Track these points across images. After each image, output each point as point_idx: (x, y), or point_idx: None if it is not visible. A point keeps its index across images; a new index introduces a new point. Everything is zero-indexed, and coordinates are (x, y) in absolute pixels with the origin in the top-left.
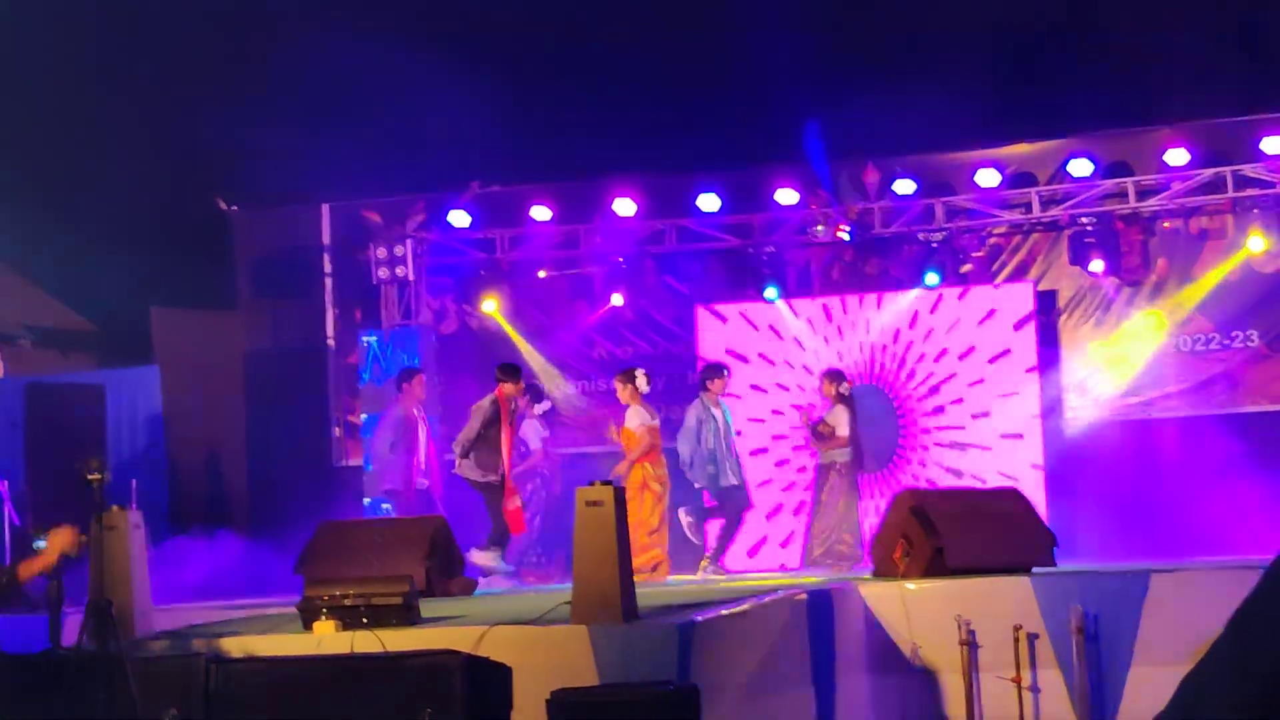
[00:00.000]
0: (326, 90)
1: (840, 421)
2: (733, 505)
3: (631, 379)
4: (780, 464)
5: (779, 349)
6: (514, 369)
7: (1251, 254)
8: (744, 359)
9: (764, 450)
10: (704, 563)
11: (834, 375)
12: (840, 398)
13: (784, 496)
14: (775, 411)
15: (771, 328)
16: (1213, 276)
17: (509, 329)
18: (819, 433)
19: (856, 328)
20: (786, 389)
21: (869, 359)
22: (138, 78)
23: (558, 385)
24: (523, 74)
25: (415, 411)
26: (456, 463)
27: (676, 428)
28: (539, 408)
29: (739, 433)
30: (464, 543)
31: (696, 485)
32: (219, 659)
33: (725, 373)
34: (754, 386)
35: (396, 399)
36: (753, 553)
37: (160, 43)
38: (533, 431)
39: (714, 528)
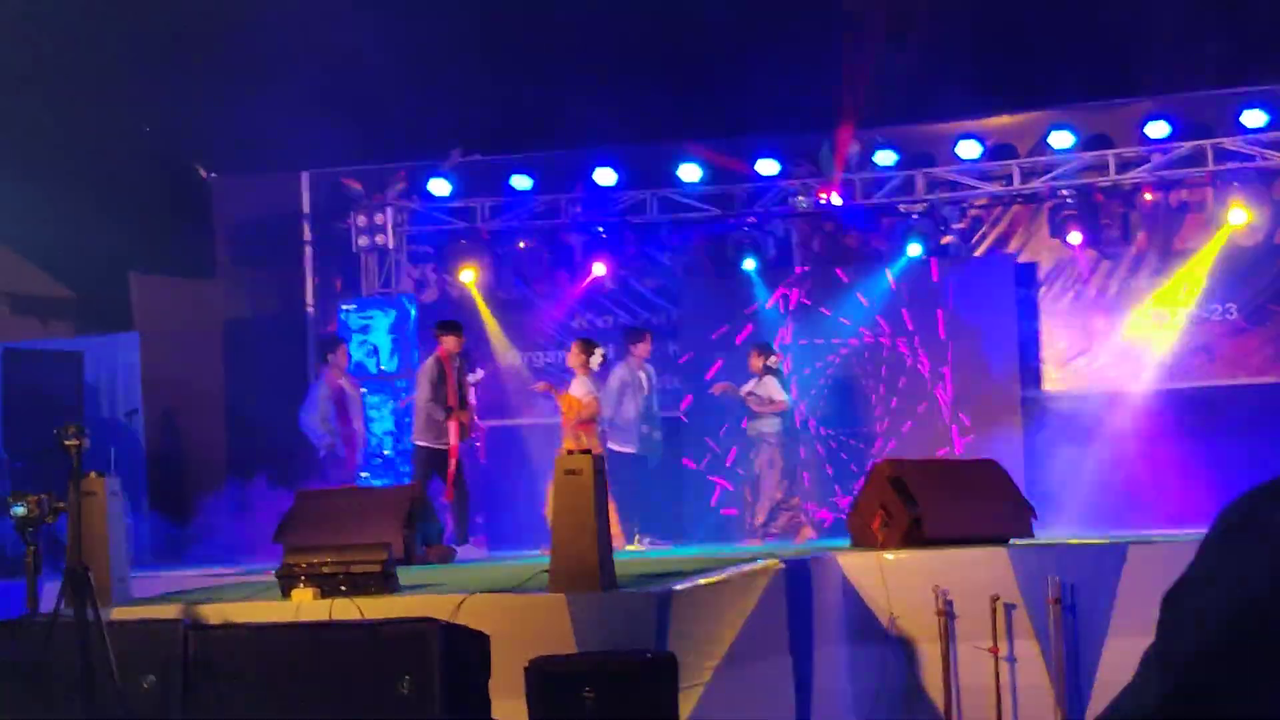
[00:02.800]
0: (307, 57)
1: (773, 391)
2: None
3: (590, 351)
4: None
5: (755, 319)
6: (453, 324)
7: (1231, 227)
8: (724, 331)
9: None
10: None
11: (762, 348)
12: (767, 370)
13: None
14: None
15: (750, 298)
16: (1204, 256)
17: (478, 297)
18: (751, 406)
19: (834, 299)
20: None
21: (848, 331)
22: (117, 43)
23: (512, 357)
24: (503, 42)
25: (341, 382)
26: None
27: (669, 396)
28: (472, 377)
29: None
30: None
31: (617, 449)
32: (197, 626)
33: (645, 335)
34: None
35: (322, 371)
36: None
37: (140, 8)
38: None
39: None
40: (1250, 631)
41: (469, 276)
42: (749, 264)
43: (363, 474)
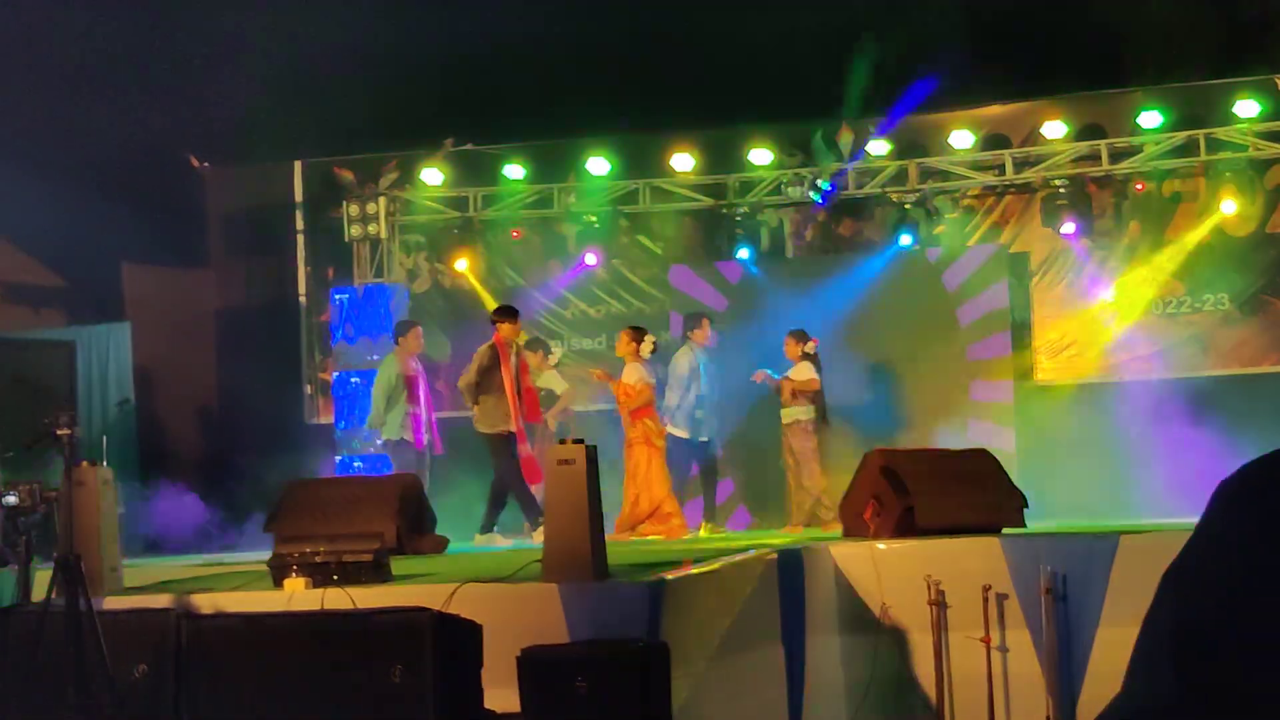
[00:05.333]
0: (299, 46)
1: (802, 378)
2: (706, 460)
3: (640, 339)
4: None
5: (749, 309)
6: (509, 310)
7: (1223, 217)
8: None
9: None
10: (705, 524)
11: (799, 335)
12: (805, 356)
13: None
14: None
15: (743, 287)
16: (1188, 240)
17: (479, 288)
18: (791, 392)
19: (827, 289)
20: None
21: (841, 320)
22: (110, 32)
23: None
24: (496, 31)
25: (412, 365)
26: (473, 413)
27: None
28: (551, 358)
29: None
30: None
31: (676, 434)
32: (189, 615)
33: (704, 321)
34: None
35: (393, 352)
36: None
37: None
38: (555, 378)
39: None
40: (1257, 597)
41: (464, 265)
42: (742, 253)
43: (356, 464)
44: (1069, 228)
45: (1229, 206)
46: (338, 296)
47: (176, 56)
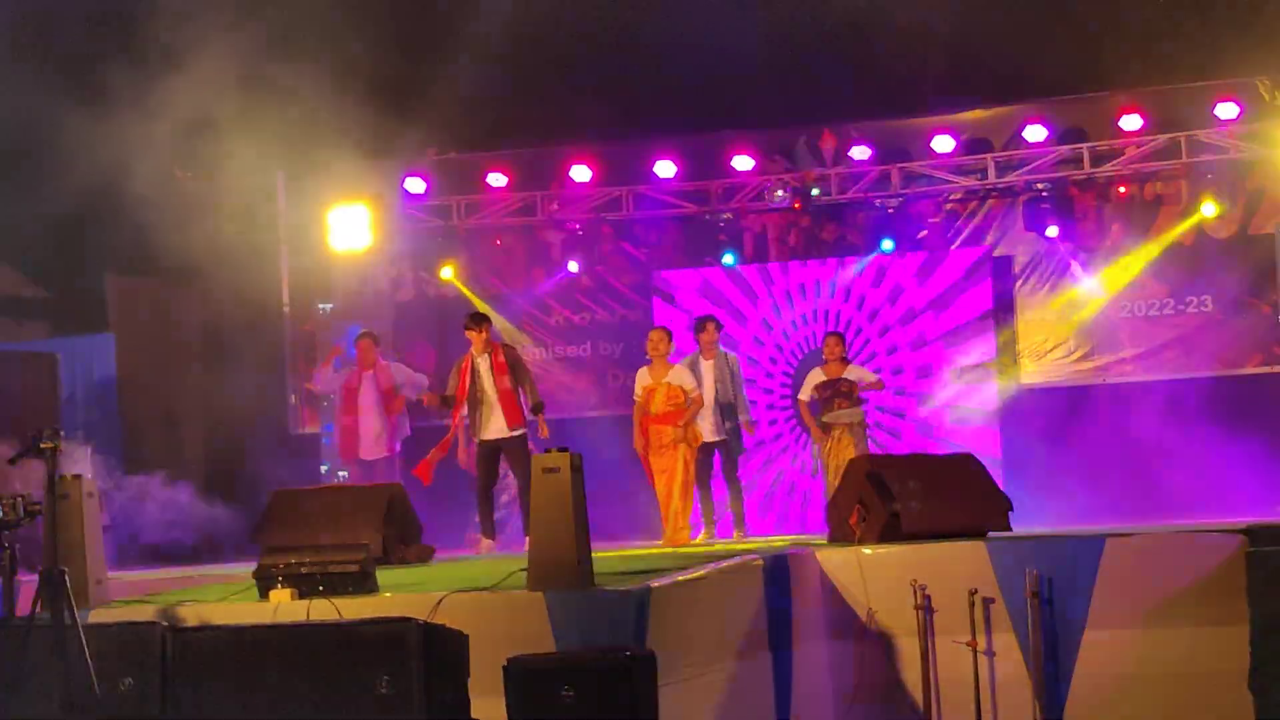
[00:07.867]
0: (281, 55)
1: (867, 376)
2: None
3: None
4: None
5: (734, 315)
6: (471, 316)
7: (1205, 219)
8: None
9: None
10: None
11: (840, 336)
12: (845, 359)
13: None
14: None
15: (728, 293)
16: (1164, 239)
17: (470, 295)
18: (853, 395)
19: (812, 294)
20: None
21: (824, 325)
22: (91, 42)
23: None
24: (479, 40)
25: (363, 375)
26: None
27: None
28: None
29: None
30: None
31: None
32: (175, 628)
33: (708, 324)
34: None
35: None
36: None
37: (114, 6)
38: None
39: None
40: None
41: (449, 273)
42: (727, 259)
43: (340, 473)
44: (1052, 231)
45: (1210, 209)
46: (322, 306)
47: (158, 65)
